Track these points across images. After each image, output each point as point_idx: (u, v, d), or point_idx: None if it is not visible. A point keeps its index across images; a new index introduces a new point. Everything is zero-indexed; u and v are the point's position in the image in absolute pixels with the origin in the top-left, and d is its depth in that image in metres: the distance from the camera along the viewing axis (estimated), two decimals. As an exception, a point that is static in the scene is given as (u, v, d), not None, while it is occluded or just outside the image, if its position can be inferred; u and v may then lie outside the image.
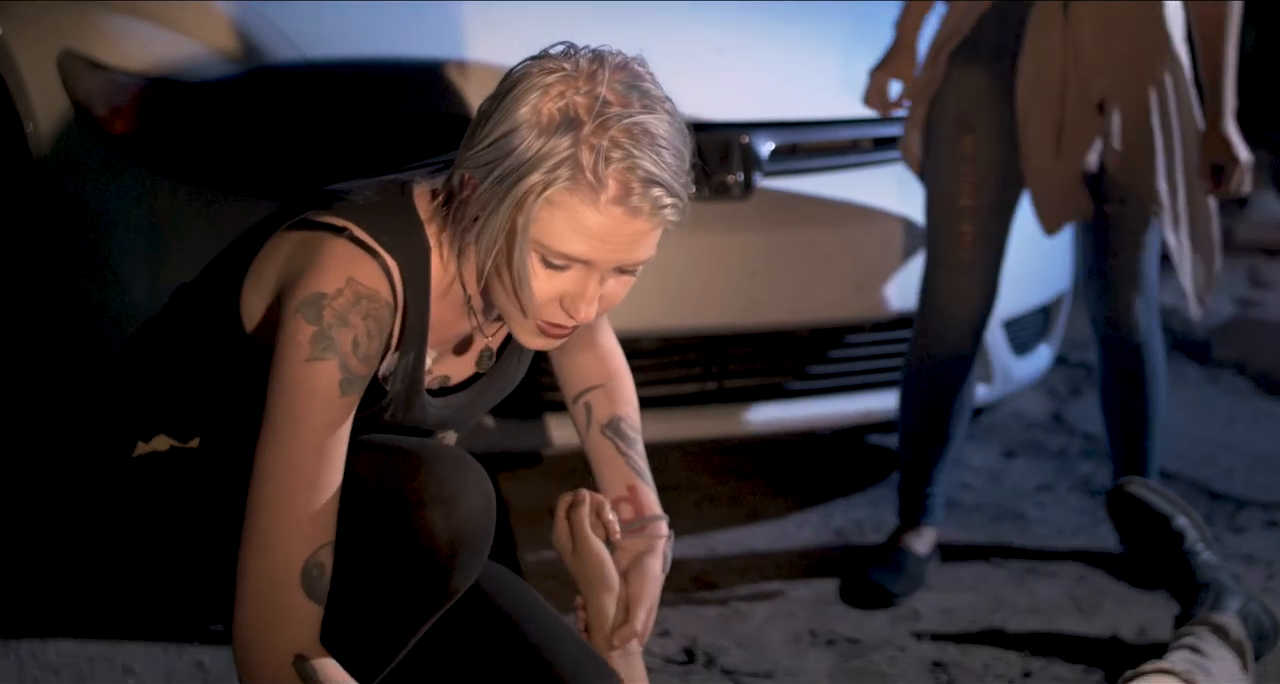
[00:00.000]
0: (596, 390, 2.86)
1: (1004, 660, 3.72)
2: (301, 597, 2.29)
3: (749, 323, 4.21)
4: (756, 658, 3.69)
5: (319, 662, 2.29)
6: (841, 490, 4.77)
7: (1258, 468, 5.12)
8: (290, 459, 2.30)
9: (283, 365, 2.32)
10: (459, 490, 2.40)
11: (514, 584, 2.75)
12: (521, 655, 2.62)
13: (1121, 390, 4.19)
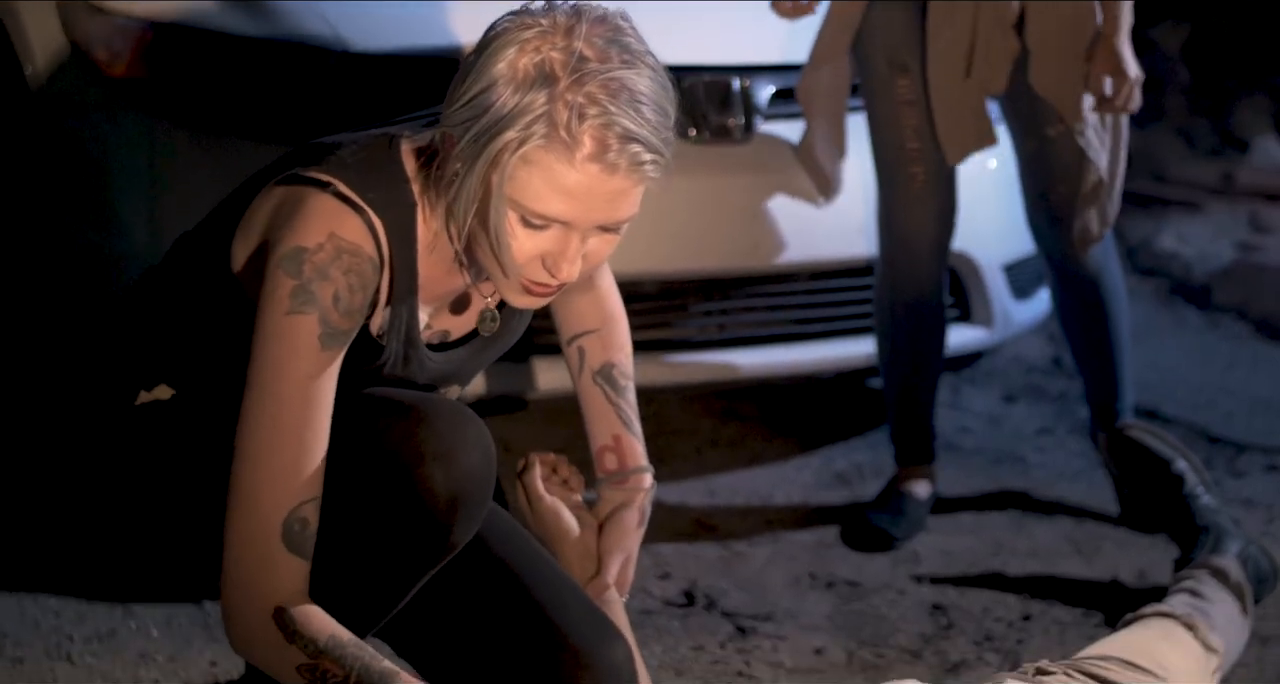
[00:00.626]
0: (591, 335, 2.84)
1: (1003, 603, 3.73)
2: (283, 551, 2.28)
3: (749, 266, 4.20)
4: (756, 600, 3.70)
5: (300, 611, 2.27)
6: (842, 434, 4.78)
7: (1257, 412, 5.12)
8: (271, 413, 2.29)
9: (264, 319, 2.31)
10: (458, 445, 2.39)
11: (517, 535, 2.73)
12: (524, 611, 2.62)
13: (1083, 325, 4.13)
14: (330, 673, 2.24)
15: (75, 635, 3.38)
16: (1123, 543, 4.09)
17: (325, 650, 2.25)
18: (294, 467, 2.29)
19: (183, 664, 3.30)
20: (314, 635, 2.26)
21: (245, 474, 2.29)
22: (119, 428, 2.55)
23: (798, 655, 3.44)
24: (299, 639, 2.26)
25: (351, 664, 2.25)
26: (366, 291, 2.34)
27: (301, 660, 2.25)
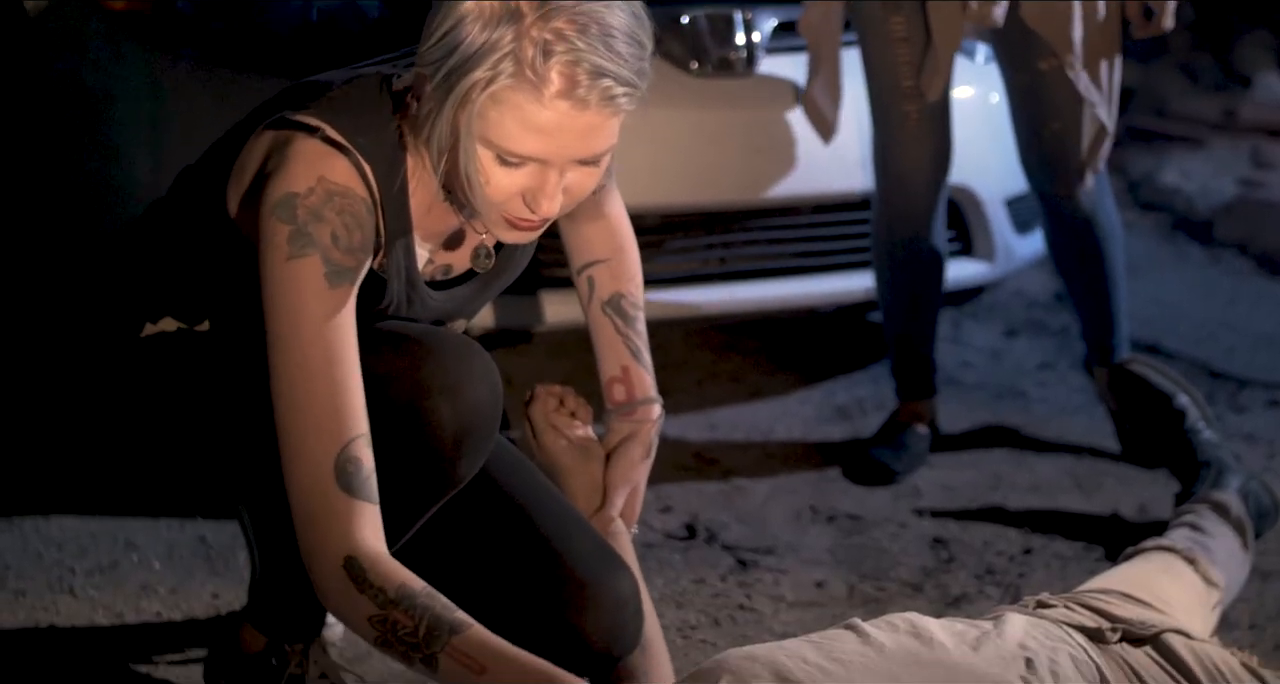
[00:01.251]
0: (601, 265, 2.82)
1: (1004, 537, 3.73)
2: (340, 494, 2.26)
3: (751, 199, 4.19)
4: (757, 534, 3.71)
5: (371, 559, 2.25)
6: (843, 368, 4.77)
7: (1259, 348, 5.12)
8: (297, 360, 2.28)
9: (268, 271, 2.30)
10: (465, 379, 2.40)
11: (523, 468, 2.74)
12: (530, 544, 2.62)
13: (1078, 263, 4.11)
14: (400, 624, 2.21)
15: (77, 568, 3.39)
16: (1124, 478, 4.09)
17: (395, 600, 2.22)
18: (331, 408, 2.27)
19: (184, 596, 3.31)
20: (383, 584, 2.23)
21: (288, 425, 2.28)
22: (125, 359, 2.55)
23: (798, 589, 3.45)
24: (369, 588, 2.23)
25: (421, 614, 2.22)
26: (364, 230, 2.33)
27: (372, 611, 2.23)
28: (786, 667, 2.26)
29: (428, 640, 2.21)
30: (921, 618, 2.44)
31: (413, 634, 2.21)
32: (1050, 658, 2.39)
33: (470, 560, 2.63)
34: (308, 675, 2.72)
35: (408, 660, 2.24)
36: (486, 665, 2.20)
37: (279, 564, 2.68)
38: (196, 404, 2.51)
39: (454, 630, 2.21)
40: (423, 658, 2.21)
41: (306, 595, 2.66)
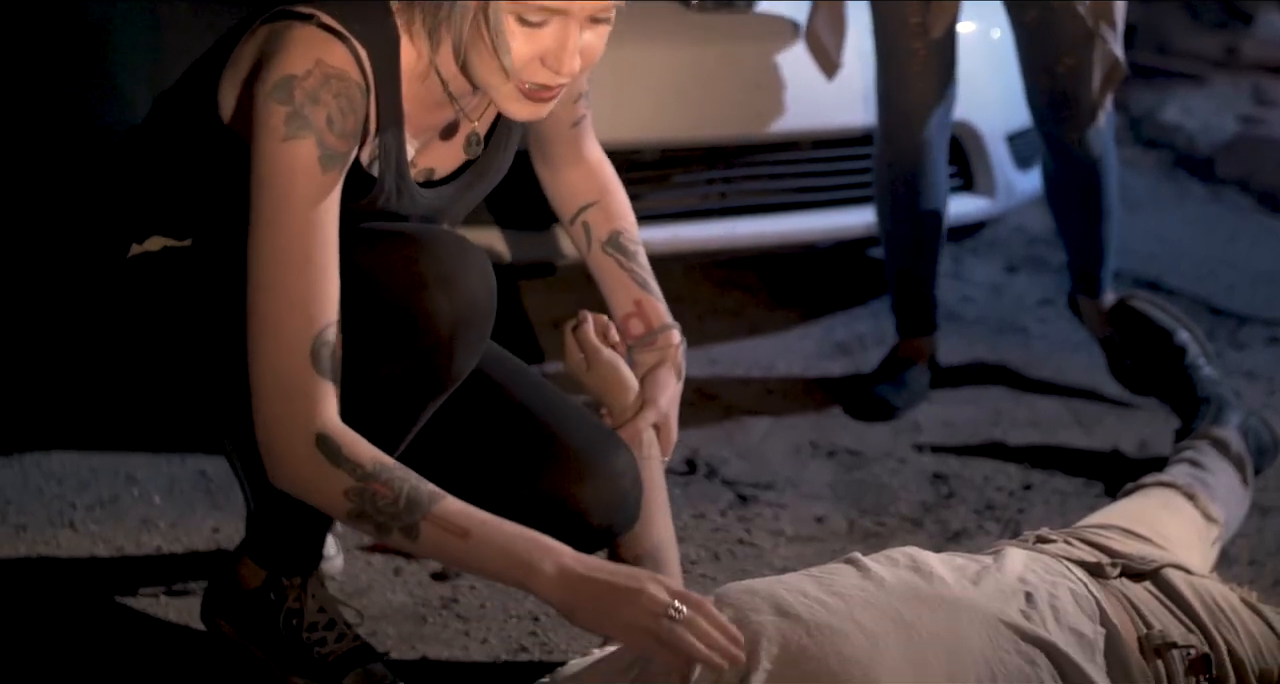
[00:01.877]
0: (592, 208, 2.85)
1: (1004, 473, 3.74)
2: (314, 375, 2.30)
3: (752, 134, 4.18)
4: (757, 469, 3.71)
5: (341, 436, 2.29)
6: (843, 304, 4.77)
7: (1259, 285, 5.12)
8: (281, 241, 2.31)
9: (261, 150, 2.32)
10: (460, 272, 2.42)
11: (519, 368, 2.79)
12: (526, 426, 2.67)
13: (1076, 202, 4.08)
14: (379, 495, 2.26)
15: (78, 502, 3.39)
16: (1124, 414, 4.10)
17: (373, 473, 2.27)
18: (311, 290, 2.30)
19: (185, 530, 3.31)
20: (359, 459, 2.28)
21: (264, 304, 2.31)
22: (112, 280, 2.56)
23: (798, 524, 3.45)
24: (345, 463, 2.27)
25: (400, 486, 2.27)
26: (357, 115, 2.36)
27: (349, 484, 2.27)
28: (786, 601, 2.26)
29: (409, 509, 2.25)
30: (921, 552, 2.45)
31: (393, 504, 2.26)
32: (1050, 592, 2.39)
33: (466, 446, 2.67)
34: (305, 609, 2.73)
35: (383, 531, 2.27)
36: (470, 530, 2.25)
37: (274, 495, 2.69)
38: (183, 324, 2.52)
39: (433, 499, 2.26)
40: (402, 527, 2.26)
41: (304, 527, 2.68)
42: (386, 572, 3.18)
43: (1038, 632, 2.30)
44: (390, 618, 3.02)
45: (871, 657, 2.19)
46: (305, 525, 2.71)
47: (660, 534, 2.77)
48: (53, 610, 2.99)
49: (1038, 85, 3.97)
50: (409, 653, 2.90)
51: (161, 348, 2.55)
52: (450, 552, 2.28)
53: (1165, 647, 2.40)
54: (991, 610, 2.31)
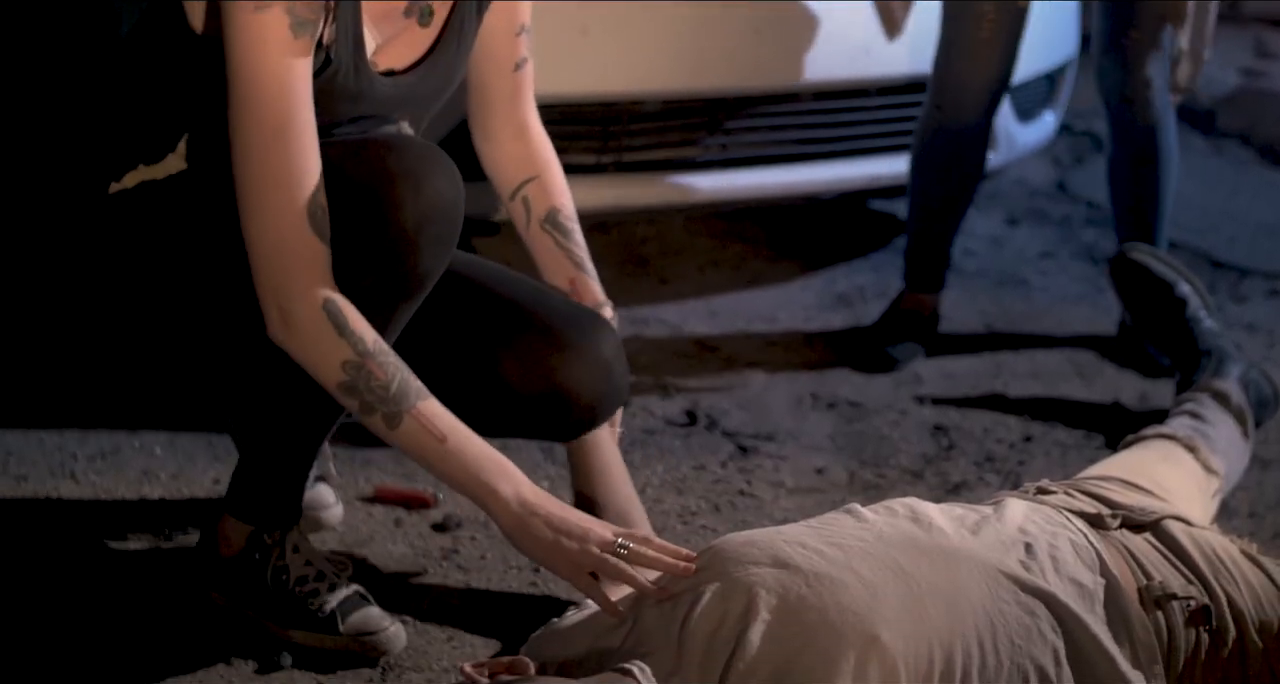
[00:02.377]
0: (532, 183, 2.89)
1: (1004, 425, 3.74)
2: (314, 238, 2.37)
3: (753, 85, 4.17)
4: (758, 420, 3.71)
5: (346, 307, 2.37)
6: (844, 256, 4.76)
7: (1260, 237, 5.11)
8: (263, 111, 2.37)
9: (233, 25, 2.37)
10: (427, 170, 2.46)
11: (497, 267, 2.85)
12: (515, 316, 2.73)
13: (1133, 172, 4.10)
14: (374, 375, 2.35)
15: (79, 454, 3.39)
16: (1124, 366, 4.09)
17: (373, 352, 2.36)
18: (301, 154, 2.37)
19: (186, 482, 3.31)
20: (363, 334, 2.36)
21: (255, 172, 2.36)
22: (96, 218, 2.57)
23: (799, 475, 3.46)
24: (349, 335, 2.36)
25: (394, 373, 2.36)
26: None
27: (348, 357, 2.35)
28: (785, 552, 2.26)
29: (398, 398, 2.35)
30: (920, 503, 2.45)
31: (384, 387, 2.35)
32: (1050, 543, 2.40)
33: (451, 339, 2.72)
34: (291, 564, 2.73)
35: (367, 412, 2.36)
36: (448, 436, 2.36)
37: (257, 443, 2.70)
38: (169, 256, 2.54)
39: (420, 395, 2.37)
40: (387, 413, 2.35)
41: (284, 477, 2.70)
42: (387, 522, 3.18)
43: (1037, 582, 2.30)
44: (390, 568, 3.02)
45: (870, 607, 2.19)
46: (286, 475, 2.72)
47: (625, 502, 2.84)
48: (53, 561, 2.99)
49: (1110, 45, 4.01)
50: (409, 602, 2.91)
51: (150, 282, 2.56)
52: (423, 450, 2.38)
53: (1165, 598, 2.41)
54: (991, 561, 2.31)
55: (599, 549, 2.32)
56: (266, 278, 2.38)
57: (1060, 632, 2.28)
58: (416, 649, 2.76)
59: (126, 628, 2.79)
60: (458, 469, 2.37)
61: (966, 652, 2.21)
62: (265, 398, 2.63)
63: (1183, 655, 2.40)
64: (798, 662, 2.14)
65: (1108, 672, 2.30)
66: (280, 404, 2.62)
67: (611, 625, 2.34)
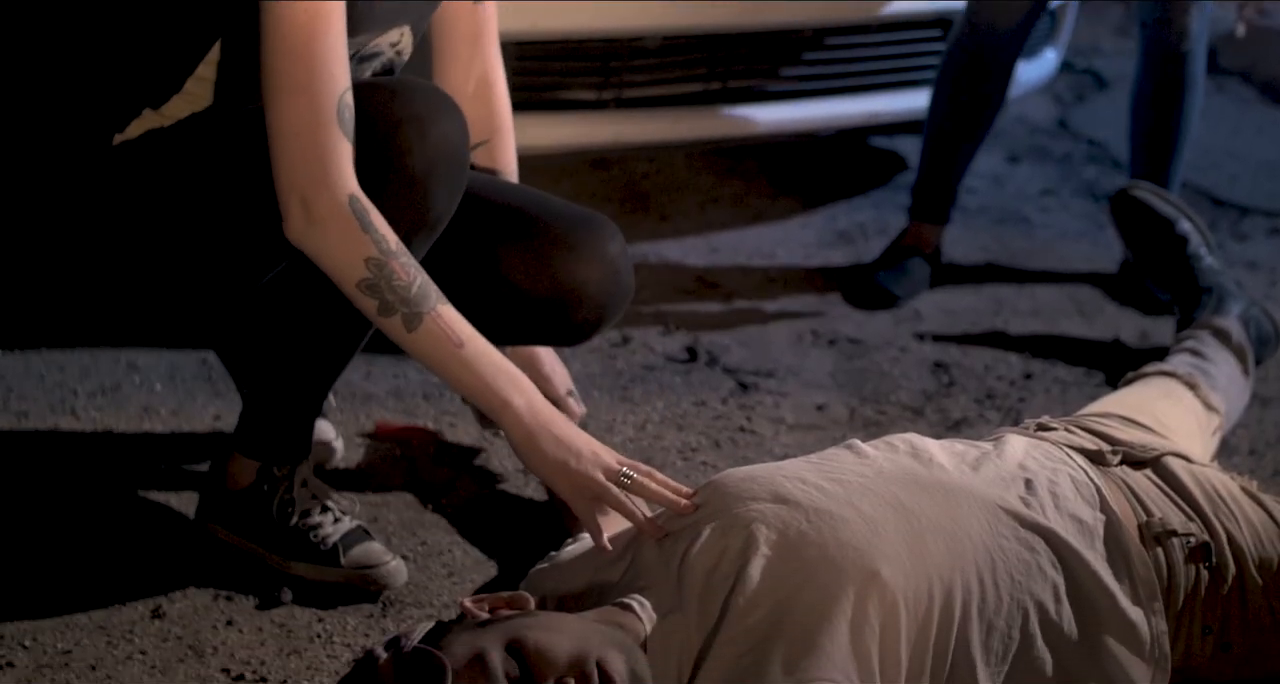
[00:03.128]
0: (480, 148, 2.90)
1: (1005, 362, 3.74)
2: (340, 135, 2.37)
3: (754, 22, 4.15)
4: (758, 357, 3.71)
5: (370, 206, 2.38)
6: (845, 192, 4.75)
7: (1262, 176, 5.10)
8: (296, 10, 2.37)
9: None
10: (433, 114, 2.46)
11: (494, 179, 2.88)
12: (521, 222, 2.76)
13: (1159, 103, 4.10)
14: (396, 274, 2.36)
15: (79, 390, 3.39)
16: (1124, 303, 4.09)
17: (396, 252, 2.37)
18: (331, 52, 2.38)
19: (186, 418, 3.31)
20: (385, 234, 2.37)
21: (284, 70, 2.37)
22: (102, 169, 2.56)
23: (799, 411, 3.46)
24: (374, 231, 2.37)
25: (416, 275, 2.37)
26: None
27: (372, 254, 2.36)
28: (785, 488, 2.27)
29: (419, 299, 2.37)
30: (920, 439, 2.45)
31: (406, 288, 2.36)
32: (1050, 479, 2.40)
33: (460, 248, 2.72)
34: (297, 498, 2.74)
35: (386, 312, 2.37)
36: (465, 342, 2.38)
37: (266, 380, 2.70)
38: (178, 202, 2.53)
39: (440, 299, 2.38)
40: (406, 315, 2.36)
41: (293, 413, 2.70)
42: (387, 458, 3.18)
43: (1037, 518, 2.31)
44: (391, 504, 3.02)
45: (870, 543, 2.19)
46: (295, 412, 2.72)
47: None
48: (54, 497, 2.99)
49: None
50: (410, 538, 2.91)
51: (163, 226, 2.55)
52: (440, 356, 2.38)
53: (1165, 535, 2.41)
54: (991, 497, 2.31)
55: (604, 476, 2.33)
56: (289, 173, 2.38)
57: (1060, 568, 2.29)
58: (417, 585, 2.77)
59: (127, 563, 2.79)
60: (472, 377, 2.38)
61: (966, 587, 2.21)
62: (282, 332, 2.63)
63: (1182, 592, 2.40)
64: (797, 597, 2.14)
65: (1107, 608, 2.30)
66: (297, 337, 2.62)
67: (611, 560, 2.34)
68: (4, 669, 2.51)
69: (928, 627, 2.18)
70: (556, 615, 2.16)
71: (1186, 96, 4.09)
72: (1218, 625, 2.43)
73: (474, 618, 2.13)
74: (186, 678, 2.51)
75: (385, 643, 2.08)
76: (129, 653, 2.56)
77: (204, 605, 2.68)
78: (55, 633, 2.59)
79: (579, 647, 2.05)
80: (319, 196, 2.37)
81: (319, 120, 2.37)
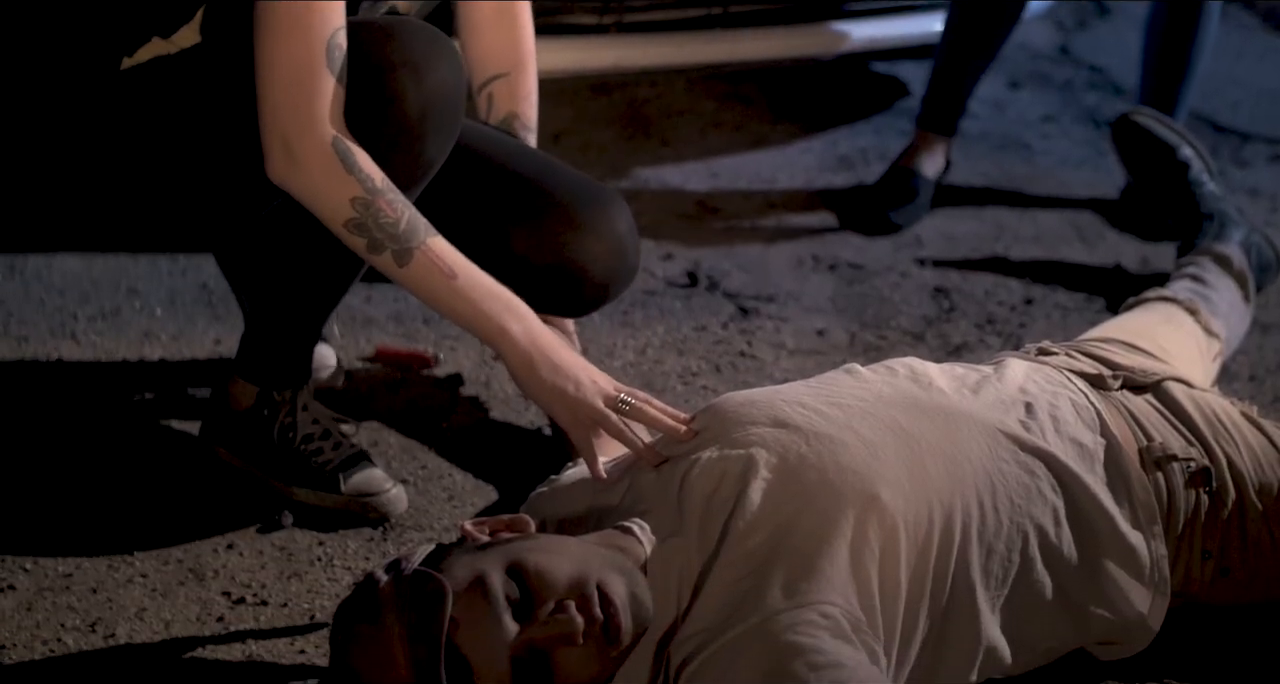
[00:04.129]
0: (501, 80, 2.89)
1: (1005, 287, 3.73)
2: (327, 75, 2.35)
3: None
4: (759, 281, 3.70)
5: (354, 147, 2.36)
6: (846, 118, 4.73)
7: (1264, 103, 5.08)
8: None
9: None
10: (428, 58, 2.45)
11: (503, 138, 2.85)
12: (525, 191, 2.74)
13: (1173, 30, 4.08)
14: (383, 212, 2.35)
15: (79, 314, 3.39)
16: (1125, 229, 4.09)
17: (382, 190, 2.36)
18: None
19: (186, 342, 3.31)
20: (372, 172, 2.36)
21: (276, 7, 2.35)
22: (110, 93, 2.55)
23: (799, 336, 3.46)
24: (358, 172, 2.35)
25: (403, 210, 2.37)
26: None
27: (357, 193, 2.34)
28: (785, 412, 2.27)
29: (407, 234, 2.36)
30: (920, 362, 2.45)
31: (394, 224, 2.35)
32: (1050, 403, 2.40)
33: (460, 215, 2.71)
34: (299, 422, 2.74)
35: (376, 250, 2.37)
36: (458, 272, 2.37)
37: (268, 304, 2.70)
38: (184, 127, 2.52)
39: (430, 231, 2.37)
40: (396, 251, 2.36)
41: (295, 338, 2.70)
42: (388, 382, 3.18)
43: (1037, 442, 2.31)
44: (391, 428, 3.03)
45: (870, 466, 2.20)
46: (294, 338, 2.72)
47: None
48: (55, 421, 3.00)
49: None
50: (410, 462, 2.92)
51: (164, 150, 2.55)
52: (433, 289, 2.37)
53: (1165, 459, 2.41)
54: (990, 420, 2.31)
55: (602, 403, 2.33)
56: (273, 114, 2.37)
57: (1060, 491, 2.29)
58: (417, 508, 2.77)
59: (128, 488, 2.80)
60: (467, 307, 2.37)
61: (966, 511, 2.21)
62: (280, 260, 2.63)
63: (1182, 516, 2.41)
64: (797, 521, 2.15)
65: (1107, 531, 2.31)
66: (296, 264, 2.62)
67: (611, 484, 2.34)
68: (5, 592, 2.51)
69: (928, 550, 2.18)
70: (557, 538, 2.16)
71: (1202, 24, 4.07)
72: (1217, 550, 2.44)
73: (474, 541, 2.13)
74: (187, 601, 2.52)
75: (386, 566, 2.08)
76: (129, 576, 2.57)
77: (205, 529, 2.69)
78: (56, 556, 2.60)
79: (579, 569, 2.06)
80: (301, 139, 2.35)
81: (307, 61, 2.35)
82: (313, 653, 2.40)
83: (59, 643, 2.40)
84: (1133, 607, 2.33)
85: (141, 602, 2.51)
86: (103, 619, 2.46)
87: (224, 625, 2.46)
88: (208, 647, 2.41)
